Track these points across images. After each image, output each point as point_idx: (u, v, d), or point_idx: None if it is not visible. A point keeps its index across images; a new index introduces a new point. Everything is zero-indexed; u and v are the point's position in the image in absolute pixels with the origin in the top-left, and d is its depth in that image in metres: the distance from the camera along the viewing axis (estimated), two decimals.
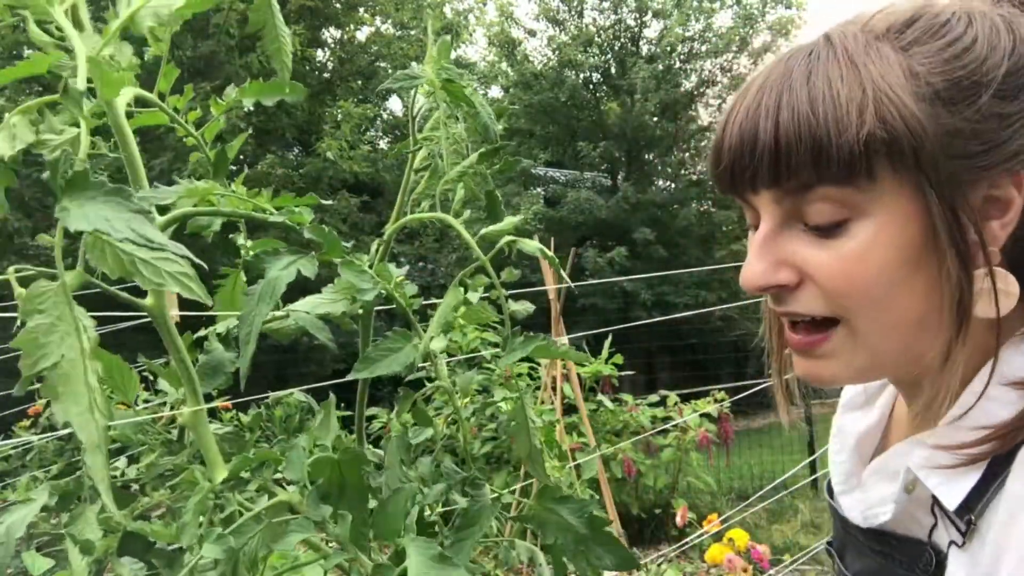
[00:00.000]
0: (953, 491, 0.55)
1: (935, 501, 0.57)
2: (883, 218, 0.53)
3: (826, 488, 0.74)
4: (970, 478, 0.54)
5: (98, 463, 0.55)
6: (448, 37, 0.84)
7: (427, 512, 0.94)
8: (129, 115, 0.84)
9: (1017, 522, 0.51)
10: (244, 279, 1.00)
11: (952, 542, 0.56)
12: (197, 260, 0.61)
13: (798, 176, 0.53)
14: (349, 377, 0.79)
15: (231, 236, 0.97)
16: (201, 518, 0.77)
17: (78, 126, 0.65)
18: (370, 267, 0.80)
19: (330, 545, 0.81)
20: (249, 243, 0.96)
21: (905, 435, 0.66)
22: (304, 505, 0.75)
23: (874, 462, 0.65)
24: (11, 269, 0.70)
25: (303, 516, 0.74)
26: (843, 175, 0.52)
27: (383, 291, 0.78)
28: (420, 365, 0.81)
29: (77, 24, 0.72)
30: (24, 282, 0.70)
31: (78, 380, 0.55)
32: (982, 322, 0.54)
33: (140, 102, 0.84)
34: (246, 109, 0.90)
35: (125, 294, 0.80)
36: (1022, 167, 0.53)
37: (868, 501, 0.64)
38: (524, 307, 0.86)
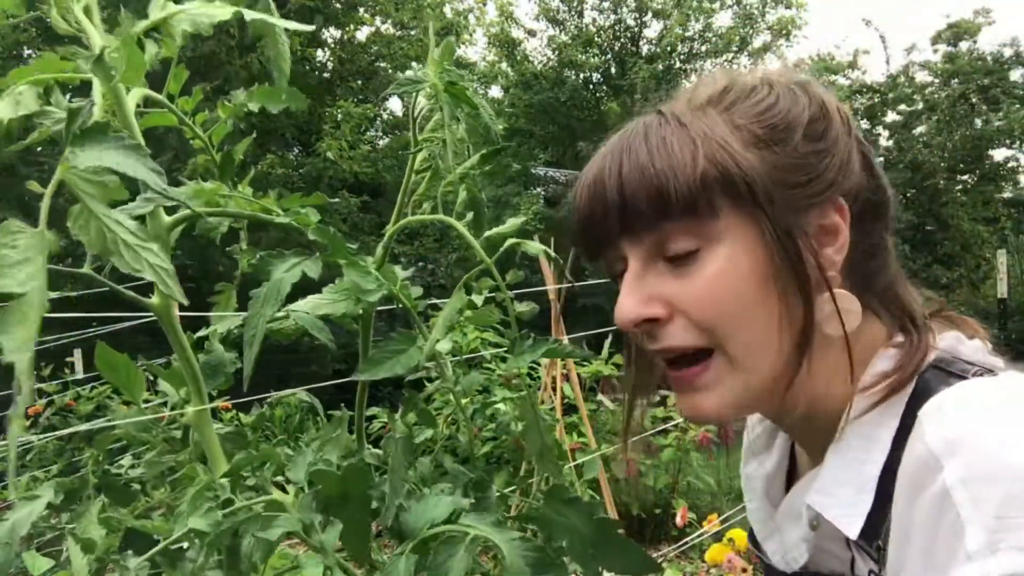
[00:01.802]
0: (852, 520, 0.56)
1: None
2: (731, 245, 0.58)
3: (748, 538, 0.76)
4: (864, 503, 0.56)
5: (18, 427, 0.52)
6: (452, 38, 0.84)
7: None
8: (138, 116, 0.85)
9: (909, 544, 0.51)
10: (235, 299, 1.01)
11: (871, 571, 0.57)
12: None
13: (646, 219, 0.59)
14: (353, 378, 0.79)
15: (229, 249, 0.97)
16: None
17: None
18: (377, 269, 0.80)
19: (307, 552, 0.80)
20: (245, 248, 0.97)
21: (807, 471, 0.67)
22: (295, 506, 0.75)
23: (782, 505, 0.67)
24: None
25: (293, 516, 0.73)
26: (687, 212, 0.58)
27: (387, 292, 0.78)
28: (424, 366, 0.82)
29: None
30: None
31: (31, 326, 0.52)
32: (841, 340, 0.59)
33: (148, 103, 0.85)
34: (246, 110, 0.91)
35: (131, 293, 0.81)
36: (839, 194, 0.60)
37: (785, 545, 0.66)
38: (530, 308, 0.86)
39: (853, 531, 0.56)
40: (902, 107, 11.80)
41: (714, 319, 0.59)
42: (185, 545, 0.76)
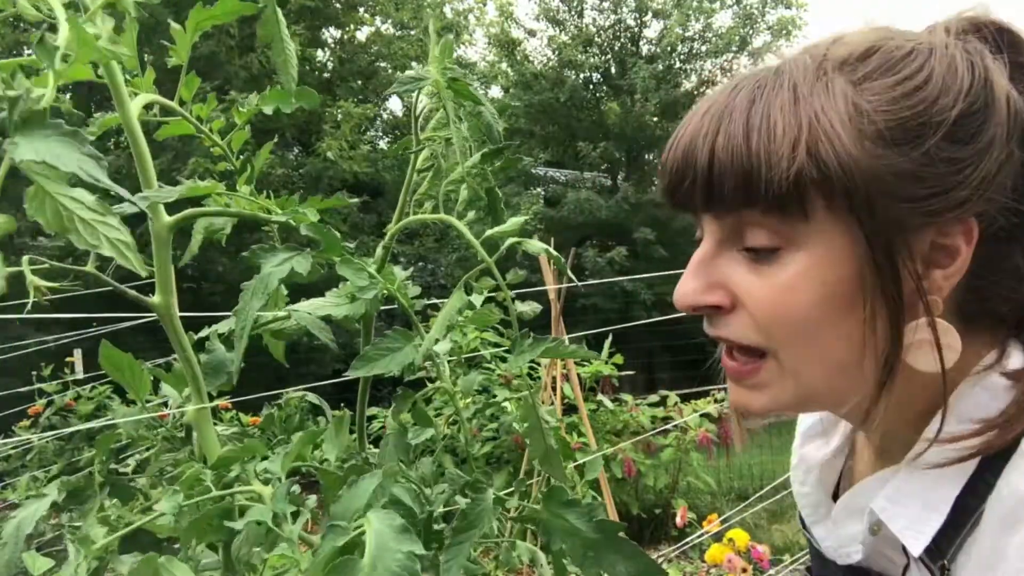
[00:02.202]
0: (918, 536, 0.54)
1: None
2: (816, 253, 0.52)
3: (799, 519, 0.73)
4: (934, 522, 0.53)
5: None
6: (450, 37, 0.84)
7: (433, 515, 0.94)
8: (157, 124, 0.85)
9: (994, 574, 0.49)
10: None
11: None
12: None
13: (730, 203, 0.53)
14: (347, 376, 0.79)
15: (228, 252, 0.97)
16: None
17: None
18: (378, 271, 0.80)
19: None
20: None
21: (869, 462, 0.66)
22: (271, 499, 0.74)
23: (842, 499, 0.64)
24: (25, 259, 0.71)
25: (267, 507, 0.72)
26: (774, 207, 0.51)
27: (385, 291, 0.78)
28: (421, 366, 0.81)
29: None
30: (37, 274, 0.71)
31: None
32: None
33: (164, 111, 0.85)
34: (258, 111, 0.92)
35: (133, 292, 0.81)
36: (971, 215, 0.50)
37: (839, 539, 0.63)
38: (531, 308, 0.86)
39: (917, 548, 0.53)
40: None
41: (774, 323, 0.53)
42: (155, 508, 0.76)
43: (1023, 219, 0.52)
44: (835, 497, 0.69)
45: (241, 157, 0.93)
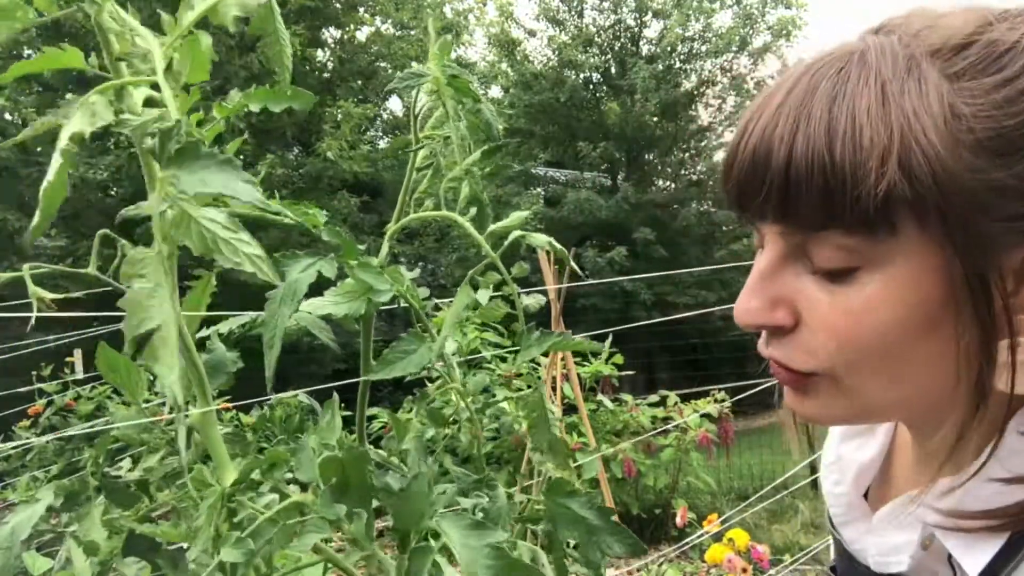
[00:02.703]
0: (976, 557, 0.51)
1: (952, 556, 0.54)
2: (899, 273, 0.47)
3: (827, 519, 0.71)
4: (994, 543, 0.51)
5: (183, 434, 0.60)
6: (448, 36, 0.85)
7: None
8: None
9: None
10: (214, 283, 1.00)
11: None
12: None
13: (808, 217, 0.47)
14: (366, 379, 0.80)
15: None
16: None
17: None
18: (383, 268, 0.80)
19: (332, 544, 0.80)
20: None
21: (910, 467, 0.63)
22: (317, 505, 0.75)
23: (887, 508, 0.61)
24: (26, 267, 0.71)
25: (318, 516, 0.74)
26: (858, 225, 0.46)
27: (396, 292, 0.78)
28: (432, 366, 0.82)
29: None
30: (36, 280, 0.71)
31: (173, 346, 0.58)
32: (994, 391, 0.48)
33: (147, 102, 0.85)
34: (246, 110, 0.91)
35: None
36: None
37: (881, 548, 0.60)
38: (536, 300, 0.86)
39: (974, 569, 0.51)
40: None
41: (845, 351, 0.49)
42: (199, 550, 0.76)
43: None
44: (865, 497, 0.67)
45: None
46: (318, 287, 0.85)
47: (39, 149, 8.14)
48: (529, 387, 0.85)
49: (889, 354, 0.48)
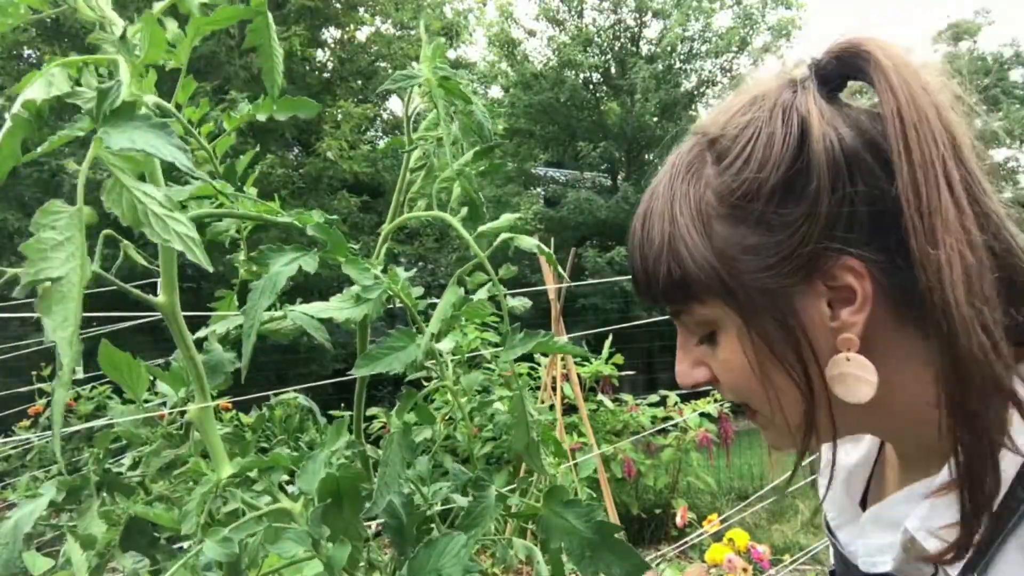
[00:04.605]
0: (955, 555, 0.53)
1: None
2: (731, 330, 0.58)
3: (823, 523, 0.74)
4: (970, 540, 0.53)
5: (61, 397, 0.56)
6: (442, 39, 0.85)
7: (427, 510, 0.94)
8: None
9: None
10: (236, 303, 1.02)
11: None
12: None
13: (651, 301, 0.61)
14: (350, 375, 0.80)
15: (230, 256, 0.98)
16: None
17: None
18: (383, 271, 0.81)
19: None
20: (243, 259, 0.97)
21: (896, 469, 0.66)
22: (304, 519, 0.75)
23: (872, 510, 0.65)
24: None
25: (303, 529, 0.74)
26: (676, 303, 0.59)
27: (389, 292, 0.78)
28: (424, 365, 0.82)
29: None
30: None
31: (72, 305, 0.56)
32: (932, 378, 0.53)
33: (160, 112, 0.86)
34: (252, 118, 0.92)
35: (138, 292, 0.81)
36: (840, 255, 0.53)
37: (868, 548, 0.63)
38: (522, 303, 0.87)
39: (954, 569, 0.54)
40: None
41: (736, 392, 0.60)
42: (183, 532, 0.76)
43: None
44: (863, 501, 0.70)
45: (225, 163, 0.94)
46: (307, 287, 0.85)
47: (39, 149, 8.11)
48: (525, 382, 0.84)
49: (761, 390, 0.58)
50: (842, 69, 0.57)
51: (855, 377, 0.54)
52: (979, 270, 0.50)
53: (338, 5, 10.79)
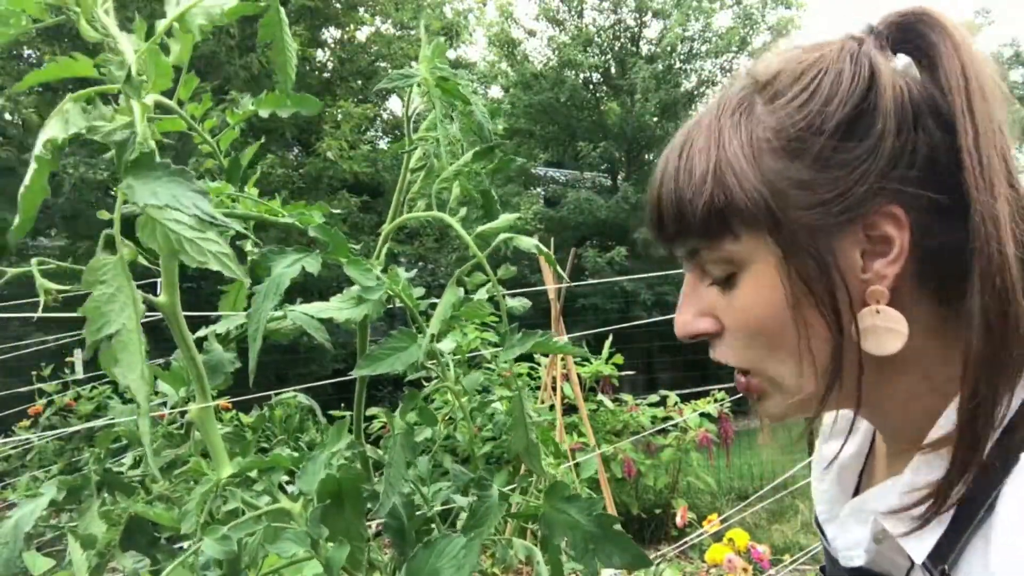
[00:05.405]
0: (921, 543, 0.54)
1: None
2: (758, 270, 0.56)
3: (813, 519, 0.74)
4: (936, 529, 0.54)
5: (146, 426, 0.61)
6: (442, 39, 0.85)
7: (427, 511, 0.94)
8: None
9: None
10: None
11: None
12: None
13: (679, 239, 0.59)
14: (351, 375, 0.80)
15: (239, 243, 0.97)
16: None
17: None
18: (384, 271, 0.81)
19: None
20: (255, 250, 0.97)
21: (884, 462, 0.66)
22: (303, 519, 0.75)
23: (851, 502, 0.65)
24: (34, 261, 0.73)
25: (302, 530, 0.74)
26: (707, 236, 0.57)
27: (390, 292, 0.78)
28: (425, 365, 0.82)
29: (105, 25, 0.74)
30: (44, 274, 0.73)
31: (135, 348, 0.61)
32: (937, 354, 0.56)
33: (158, 107, 0.86)
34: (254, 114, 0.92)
35: (139, 292, 0.81)
36: (888, 202, 0.53)
37: (845, 542, 0.64)
38: (521, 303, 0.87)
39: (919, 555, 0.54)
40: None
41: (750, 344, 0.58)
42: (183, 531, 0.77)
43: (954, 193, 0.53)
44: (856, 496, 0.69)
45: (229, 157, 0.94)
46: (307, 287, 0.85)
47: None
48: (525, 382, 0.85)
49: (780, 341, 0.57)
50: (903, 33, 0.57)
51: (885, 329, 0.54)
52: (1022, 228, 0.52)
53: (338, 5, 10.79)
